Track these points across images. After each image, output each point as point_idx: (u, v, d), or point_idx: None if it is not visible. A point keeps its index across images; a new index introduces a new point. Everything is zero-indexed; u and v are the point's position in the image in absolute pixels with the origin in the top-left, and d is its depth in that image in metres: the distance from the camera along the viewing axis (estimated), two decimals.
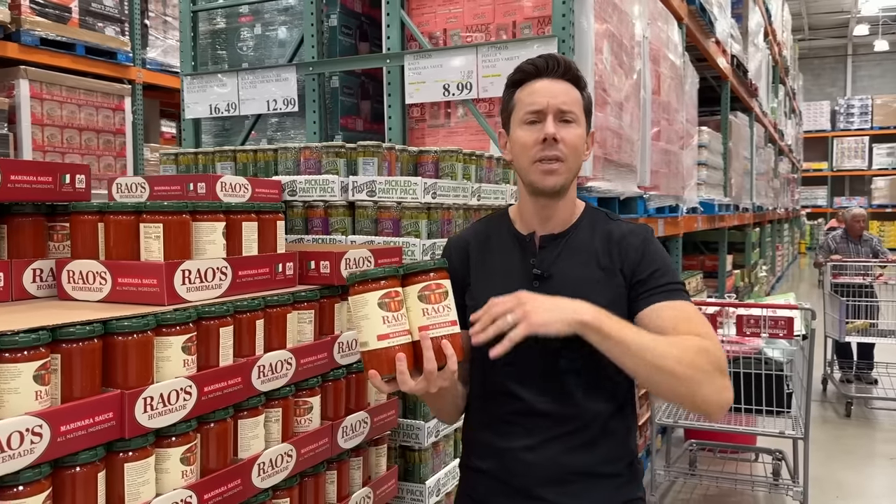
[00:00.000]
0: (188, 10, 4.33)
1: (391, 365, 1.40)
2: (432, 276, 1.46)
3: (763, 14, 10.05)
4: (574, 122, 1.58)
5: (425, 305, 1.44)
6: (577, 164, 1.60)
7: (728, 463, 4.94)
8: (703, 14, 5.82)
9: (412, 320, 1.44)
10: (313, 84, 3.92)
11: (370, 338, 1.42)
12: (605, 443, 1.59)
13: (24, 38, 5.25)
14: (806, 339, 3.95)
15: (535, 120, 1.57)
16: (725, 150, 7.44)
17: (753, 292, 8.96)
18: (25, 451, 1.36)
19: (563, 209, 1.64)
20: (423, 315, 1.43)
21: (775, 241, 13.15)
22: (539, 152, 1.56)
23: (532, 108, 1.57)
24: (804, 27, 24.28)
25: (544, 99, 1.56)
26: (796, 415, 4.04)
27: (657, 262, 1.60)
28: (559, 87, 1.58)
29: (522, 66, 1.62)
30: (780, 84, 12.83)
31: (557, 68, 1.59)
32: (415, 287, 1.44)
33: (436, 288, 1.45)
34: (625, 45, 4.07)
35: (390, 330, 1.41)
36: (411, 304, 1.44)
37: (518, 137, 1.59)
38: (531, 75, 1.60)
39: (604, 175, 3.79)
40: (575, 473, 1.56)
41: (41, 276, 1.86)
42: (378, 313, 1.41)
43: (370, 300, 1.42)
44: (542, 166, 1.56)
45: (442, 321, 1.44)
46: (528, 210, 1.66)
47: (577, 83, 1.61)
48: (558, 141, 1.55)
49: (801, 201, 21.90)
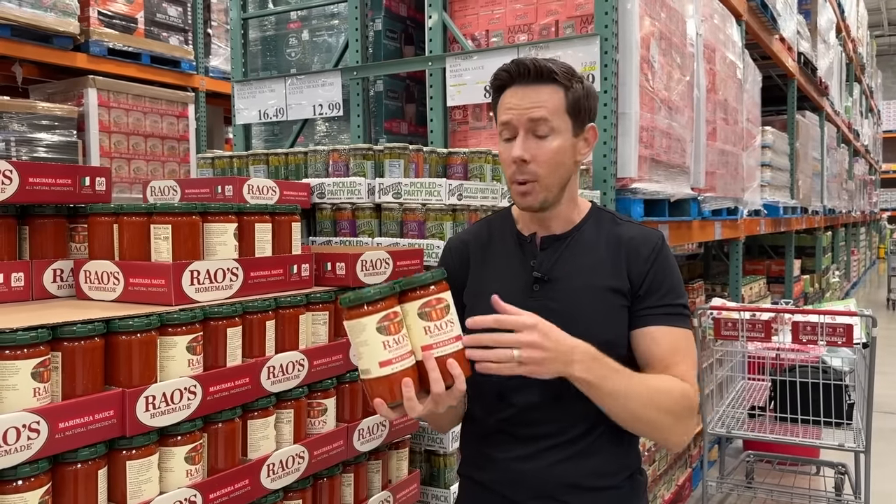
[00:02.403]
0: (238, 17, 4.42)
1: (396, 392, 1.32)
2: (432, 290, 1.37)
3: (835, 10, 9.68)
4: (549, 133, 1.49)
5: (427, 323, 1.35)
6: (559, 177, 1.52)
7: (787, 476, 4.75)
8: (764, 10, 5.62)
9: (414, 340, 1.35)
10: (357, 88, 3.94)
11: (371, 365, 1.33)
12: (603, 453, 1.53)
13: (93, 49, 5.44)
14: (867, 348, 3.76)
15: (508, 137, 1.52)
16: (792, 151, 7.18)
17: (825, 298, 8.62)
18: (22, 446, 1.39)
19: (560, 214, 1.58)
20: (425, 334, 1.35)
21: (850, 246, 12.63)
22: (513, 175, 1.52)
23: (502, 120, 1.52)
24: (883, 23, 23.26)
25: (513, 112, 1.50)
26: (858, 426, 3.85)
27: (666, 280, 1.54)
28: (530, 98, 1.49)
29: (497, 73, 1.54)
30: (856, 82, 12.33)
31: (528, 74, 1.49)
32: (414, 304, 1.35)
33: (437, 303, 1.36)
34: (675, 43, 3.96)
35: (392, 355, 1.32)
36: (412, 323, 1.36)
37: (500, 151, 1.56)
38: (506, 82, 1.53)
39: (651, 176, 3.69)
40: (571, 486, 1.51)
41: (61, 276, 1.91)
42: (378, 339, 1.32)
43: (368, 325, 1.32)
44: (517, 188, 1.52)
45: (446, 339, 1.35)
46: (525, 215, 1.62)
47: (556, 81, 1.49)
48: (529, 161, 1.48)
49: (881, 204, 20.98)
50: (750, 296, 6.07)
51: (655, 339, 1.49)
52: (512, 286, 1.55)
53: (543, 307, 1.50)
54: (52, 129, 4.92)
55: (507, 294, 1.54)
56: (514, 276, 1.57)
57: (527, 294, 1.53)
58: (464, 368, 1.35)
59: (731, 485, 4.34)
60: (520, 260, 1.59)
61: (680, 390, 1.45)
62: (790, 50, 6.89)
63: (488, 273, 1.62)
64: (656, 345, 1.48)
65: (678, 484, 4.36)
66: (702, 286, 5.59)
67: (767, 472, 4.74)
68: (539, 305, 1.50)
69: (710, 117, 4.65)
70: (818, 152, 8.78)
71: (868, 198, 15.46)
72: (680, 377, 1.47)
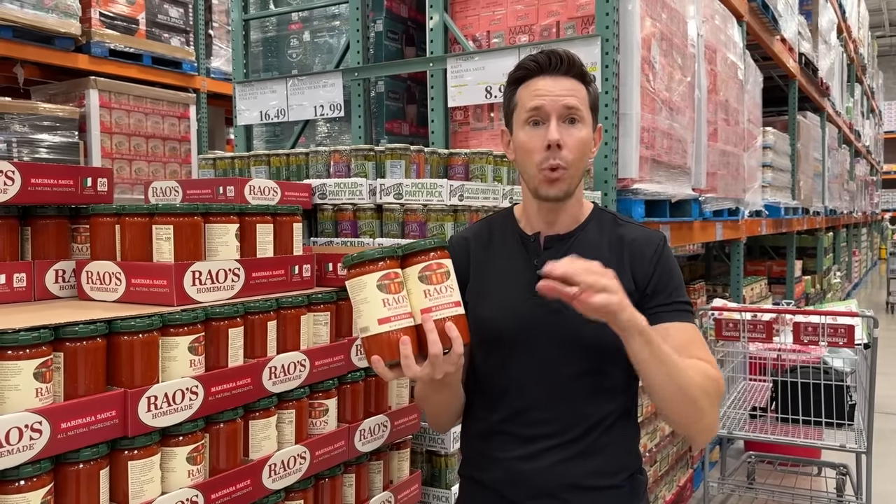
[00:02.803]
0: (239, 18, 4.42)
1: (394, 350, 1.34)
2: (433, 256, 1.39)
3: (836, 10, 9.67)
4: (579, 121, 1.51)
5: (427, 286, 1.37)
6: (583, 167, 1.55)
7: (788, 476, 4.75)
8: (765, 11, 5.62)
9: (414, 303, 1.37)
10: (358, 89, 3.95)
11: (370, 322, 1.35)
12: (604, 453, 1.53)
13: (94, 50, 5.44)
14: (869, 349, 3.76)
15: (537, 120, 1.51)
16: (793, 152, 7.18)
17: (826, 299, 8.61)
18: (25, 446, 1.40)
19: (569, 210, 1.59)
20: (425, 297, 1.36)
21: (851, 247, 12.63)
22: (544, 160, 1.50)
23: (534, 105, 1.51)
24: (884, 23, 23.24)
25: (546, 99, 1.50)
26: (860, 427, 3.85)
27: (671, 279, 1.56)
28: (563, 85, 1.51)
29: (524, 63, 1.55)
30: (857, 83, 12.32)
31: (560, 64, 1.52)
32: (415, 268, 1.38)
33: (437, 268, 1.38)
34: (676, 44, 3.96)
35: (391, 313, 1.34)
36: (412, 287, 1.37)
37: (521, 140, 1.53)
38: (533, 72, 1.54)
39: (652, 177, 3.69)
40: (572, 486, 1.51)
41: (63, 276, 1.92)
42: (378, 296, 1.34)
43: (368, 283, 1.35)
44: (547, 175, 1.50)
45: (445, 302, 1.37)
46: (533, 211, 1.61)
47: (582, 79, 1.54)
48: (562, 147, 1.49)
49: (882, 205, 20.96)
50: (751, 296, 6.07)
51: (671, 334, 1.49)
52: (515, 284, 1.56)
53: (546, 306, 1.51)
54: (54, 130, 4.93)
55: (510, 292, 1.55)
56: (516, 274, 1.58)
57: (530, 292, 1.53)
58: (462, 333, 1.37)
59: (733, 486, 4.34)
60: (523, 259, 1.59)
61: (715, 374, 1.46)
62: (791, 51, 6.89)
63: (490, 272, 1.62)
64: (672, 339, 1.49)
65: (679, 485, 4.36)
66: (703, 287, 5.59)
67: (769, 472, 4.74)
68: (542, 304, 1.51)
69: (711, 118, 4.66)
70: (819, 153, 8.78)
71: (869, 198, 15.46)
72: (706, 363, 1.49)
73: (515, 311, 1.54)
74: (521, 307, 1.54)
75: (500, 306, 1.56)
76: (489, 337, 1.56)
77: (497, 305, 1.56)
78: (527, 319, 1.53)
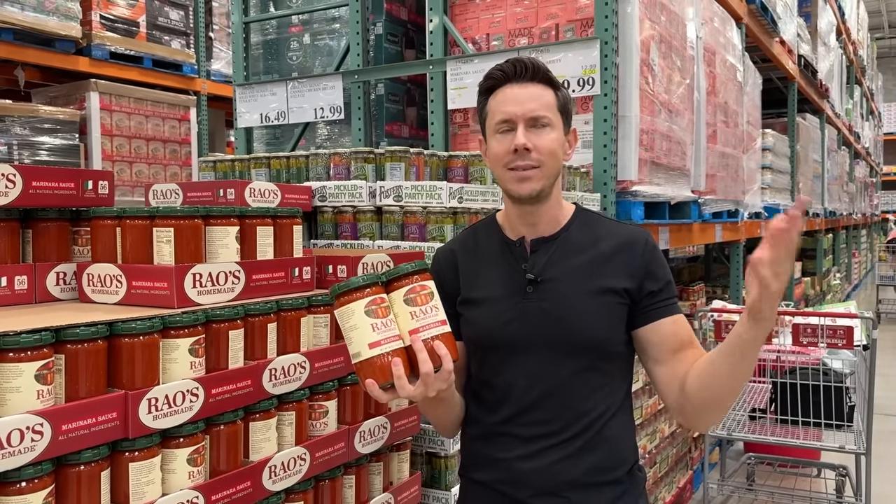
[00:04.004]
0: (240, 21, 4.43)
1: (387, 372, 1.38)
2: (416, 279, 1.44)
3: (835, 12, 9.68)
4: (548, 125, 1.53)
5: (412, 308, 1.41)
6: (556, 168, 1.56)
7: (787, 478, 4.75)
8: (764, 13, 5.63)
9: (401, 325, 1.42)
10: (358, 92, 3.96)
11: (361, 347, 1.39)
12: (603, 449, 1.54)
13: (95, 53, 5.45)
14: (867, 350, 3.76)
15: (506, 129, 1.54)
16: (793, 154, 7.19)
17: (826, 300, 8.62)
18: (26, 448, 1.41)
19: (548, 212, 1.61)
20: (411, 318, 1.41)
21: (851, 248, 12.63)
22: (512, 161, 1.53)
23: (502, 117, 1.54)
24: (884, 25, 23.24)
25: (513, 107, 1.53)
26: (859, 429, 3.86)
27: (664, 275, 1.59)
28: (529, 92, 1.53)
29: (491, 73, 1.58)
30: (856, 84, 12.33)
31: (525, 72, 1.54)
32: (399, 292, 1.42)
33: (420, 290, 1.43)
34: (675, 47, 3.97)
35: (381, 337, 1.39)
36: (398, 310, 1.42)
37: (492, 147, 1.57)
38: (500, 81, 1.56)
39: (651, 179, 3.70)
40: (572, 483, 1.52)
41: (64, 279, 1.93)
42: (366, 321, 1.39)
43: (356, 310, 1.40)
44: (516, 174, 1.53)
45: (431, 322, 1.41)
46: (514, 216, 1.63)
47: (549, 83, 1.56)
48: (530, 150, 1.51)
49: (882, 206, 20.97)
50: None
51: (677, 327, 1.55)
52: (504, 290, 1.58)
53: (537, 307, 1.53)
54: (55, 132, 4.94)
55: (500, 298, 1.57)
56: (505, 280, 1.59)
57: (520, 296, 1.55)
58: (451, 351, 1.41)
59: (732, 487, 4.35)
60: (510, 264, 1.61)
61: None
62: (790, 52, 6.89)
63: (479, 280, 1.63)
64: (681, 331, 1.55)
65: (679, 486, 4.36)
66: (702, 288, 5.59)
67: (768, 474, 4.75)
68: (533, 306, 1.54)
69: (710, 120, 4.66)
70: (819, 155, 8.78)
71: (869, 200, 15.47)
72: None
73: (508, 316, 1.56)
74: (512, 311, 1.56)
75: (492, 312, 1.58)
76: (484, 343, 1.58)
77: (489, 312, 1.58)
78: (519, 323, 1.55)
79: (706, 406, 1.47)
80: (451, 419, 1.67)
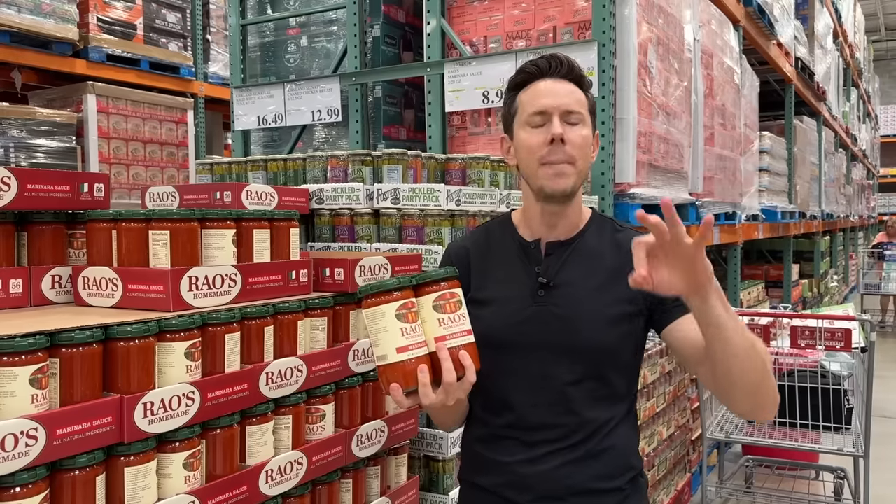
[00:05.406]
0: (237, 23, 4.43)
1: (412, 378, 1.35)
2: (445, 286, 1.42)
3: (832, 15, 9.69)
4: (580, 122, 1.52)
5: (441, 315, 1.39)
6: (586, 166, 1.55)
7: (786, 480, 4.75)
8: (761, 16, 5.64)
9: (428, 331, 1.40)
10: (356, 94, 3.95)
11: (389, 351, 1.37)
12: (606, 456, 1.53)
13: (92, 55, 5.44)
14: (866, 352, 3.76)
15: (540, 122, 1.51)
16: (790, 156, 7.19)
17: (823, 302, 8.62)
18: (20, 453, 1.39)
19: (570, 215, 1.58)
20: (439, 325, 1.39)
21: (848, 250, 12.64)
22: (547, 155, 1.49)
23: (536, 109, 1.51)
24: (880, 28, 23.28)
25: (549, 100, 1.51)
26: (857, 431, 3.85)
27: None
28: (563, 88, 1.52)
29: (524, 67, 1.56)
30: (853, 87, 12.35)
31: (560, 68, 1.53)
32: (429, 297, 1.40)
33: (450, 297, 1.41)
34: (672, 49, 3.97)
35: (409, 342, 1.37)
36: (426, 315, 1.40)
37: (523, 140, 1.53)
38: (533, 76, 1.55)
39: (649, 181, 3.70)
40: (574, 489, 1.51)
41: (60, 282, 1.91)
42: (396, 325, 1.37)
43: (387, 312, 1.37)
44: (551, 169, 1.49)
45: (458, 331, 1.40)
46: (535, 216, 1.60)
47: (580, 84, 1.55)
48: (566, 142, 1.49)
49: (879, 209, 20.98)
50: (748, 300, 6.07)
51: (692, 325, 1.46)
52: (516, 291, 1.56)
53: (548, 312, 1.51)
54: (51, 135, 4.93)
55: (511, 299, 1.55)
56: (517, 281, 1.57)
57: (532, 299, 1.54)
58: (474, 361, 1.40)
59: (731, 490, 4.35)
60: (523, 265, 1.58)
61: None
62: (788, 55, 6.90)
63: (490, 279, 1.61)
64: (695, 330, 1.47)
65: (677, 489, 4.35)
66: None
67: (766, 476, 4.74)
68: (543, 310, 1.52)
69: (707, 122, 4.66)
70: (816, 157, 8.79)
71: (866, 202, 15.49)
72: None
73: (517, 319, 1.54)
74: (522, 314, 1.54)
75: (502, 313, 1.56)
76: (491, 344, 1.56)
77: (499, 313, 1.56)
78: (528, 326, 1.53)
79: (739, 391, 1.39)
80: (455, 418, 1.67)
